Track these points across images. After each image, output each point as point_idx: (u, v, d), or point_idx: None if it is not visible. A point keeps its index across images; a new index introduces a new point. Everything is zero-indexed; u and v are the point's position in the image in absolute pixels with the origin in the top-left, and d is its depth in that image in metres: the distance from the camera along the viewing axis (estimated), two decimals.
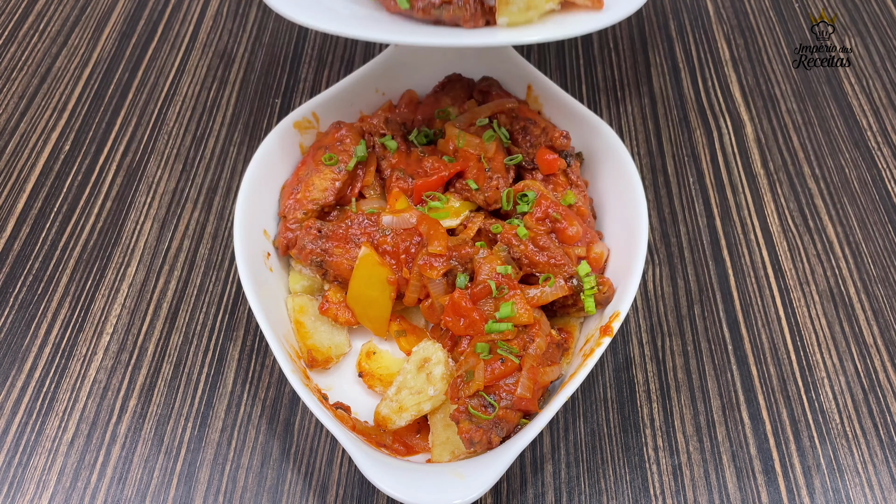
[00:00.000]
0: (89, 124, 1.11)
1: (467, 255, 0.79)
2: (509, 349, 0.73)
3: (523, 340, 0.75)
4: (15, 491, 0.78)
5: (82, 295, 0.93)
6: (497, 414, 0.70)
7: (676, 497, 0.78)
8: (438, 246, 0.79)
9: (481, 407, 0.70)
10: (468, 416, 0.71)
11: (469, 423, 0.70)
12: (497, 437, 0.71)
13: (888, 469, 0.81)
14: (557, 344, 0.79)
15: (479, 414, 0.70)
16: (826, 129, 1.13)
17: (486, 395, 0.71)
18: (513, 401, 0.71)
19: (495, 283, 0.76)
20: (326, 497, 0.78)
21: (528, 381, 0.72)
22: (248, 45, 1.23)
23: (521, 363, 0.72)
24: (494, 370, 0.71)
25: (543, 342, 0.75)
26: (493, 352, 0.73)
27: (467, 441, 0.70)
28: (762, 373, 0.88)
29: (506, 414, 0.71)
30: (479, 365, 0.72)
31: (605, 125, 0.92)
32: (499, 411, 0.70)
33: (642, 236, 0.82)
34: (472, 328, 0.76)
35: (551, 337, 0.78)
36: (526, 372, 0.72)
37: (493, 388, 0.72)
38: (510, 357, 0.72)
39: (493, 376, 0.71)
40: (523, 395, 0.71)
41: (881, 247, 0.99)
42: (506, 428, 0.72)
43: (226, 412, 0.83)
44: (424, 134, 0.90)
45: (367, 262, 0.80)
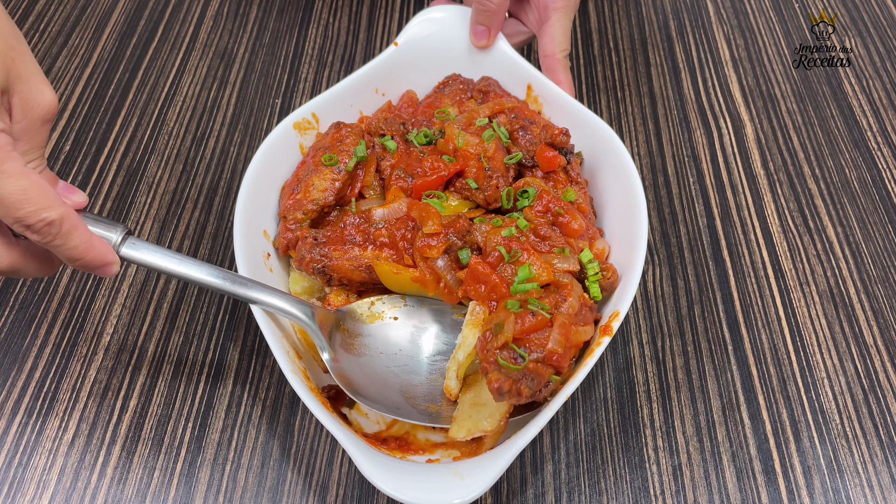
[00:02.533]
0: (90, 124, 1.11)
1: (463, 228, 0.79)
2: (541, 305, 0.72)
3: (555, 299, 0.74)
4: (15, 491, 0.78)
5: (82, 295, 0.93)
6: (527, 366, 0.69)
7: (676, 497, 0.78)
8: (433, 225, 0.79)
9: (511, 359, 0.69)
10: (497, 367, 0.69)
11: (498, 373, 0.69)
12: (527, 388, 0.69)
13: (888, 469, 0.81)
14: (591, 307, 0.77)
15: (508, 364, 0.69)
16: (826, 130, 1.13)
17: (517, 347, 0.69)
18: (544, 354, 0.69)
19: (505, 247, 0.76)
20: (326, 497, 0.78)
21: (560, 335, 0.70)
22: (248, 45, 1.23)
23: (552, 319, 0.71)
24: (525, 322, 0.70)
25: (576, 301, 0.74)
26: (524, 307, 0.72)
27: (496, 392, 0.68)
28: (762, 373, 0.88)
29: (536, 367, 0.69)
30: (510, 318, 0.71)
31: (605, 125, 0.92)
32: (528, 363, 0.69)
33: (642, 236, 0.81)
34: (494, 292, 0.75)
35: (584, 300, 0.76)
36: (558, 327, 0.71)
37: (524, 342, 0.70)
38: (542, 312, 0.71)
39: (524, 329, 0.70)
40: (555, 349, 0.69)
41: (881, 247, 0.99)
42: (537, 382, 0.70)
43: (226, 412, 0.83)
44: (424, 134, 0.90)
45: (386, 273, 0.80)
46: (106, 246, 0.71)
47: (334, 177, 0.87)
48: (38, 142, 0.69)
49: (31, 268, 0.72)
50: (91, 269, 0.71)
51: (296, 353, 0.80)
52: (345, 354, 0.79)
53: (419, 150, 0.88)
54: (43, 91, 0.67)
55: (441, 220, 0.80)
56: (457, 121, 0.91)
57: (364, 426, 0.80)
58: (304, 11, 1.28)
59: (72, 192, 0.72)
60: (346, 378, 0.77)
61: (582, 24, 1.27)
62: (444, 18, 1.02)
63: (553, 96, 0.97)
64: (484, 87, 0.98)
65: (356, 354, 0.80)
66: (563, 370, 0.71)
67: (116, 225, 0.73)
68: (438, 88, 1.00)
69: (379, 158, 0.91)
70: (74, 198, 0.72)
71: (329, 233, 0.83)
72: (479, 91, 0.98)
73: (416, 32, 1.01)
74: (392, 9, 1.29)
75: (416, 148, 0.88)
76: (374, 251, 0.81)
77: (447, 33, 1.01)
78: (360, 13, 1.29)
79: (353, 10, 1.29)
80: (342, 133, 0.91)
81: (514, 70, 1.00)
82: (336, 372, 0.77)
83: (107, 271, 0.72)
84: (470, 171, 0.85)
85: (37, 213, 0.63)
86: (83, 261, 0.69)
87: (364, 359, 0.80)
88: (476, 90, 0.98)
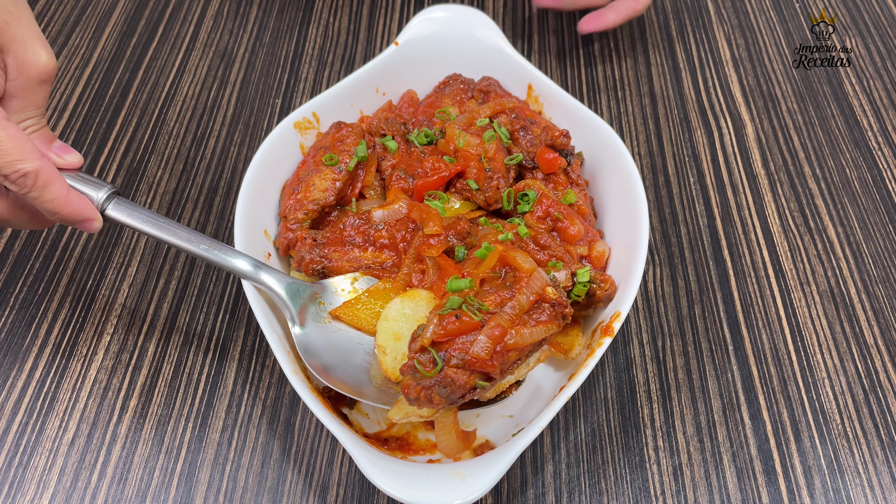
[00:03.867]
0: (90, 124, 1.11)
1: (463, 230, 0.79)
2: (479, 305, 0.69)
3: (501, 297, 0.70)
4: (15, 491, 0.78)
5: (83, 295, 0.93)
6: (444, 372, 0.66)
7: (677, 497, 0.78)
8: (434, 227, 0.79)
9: (427, 363, 0.66)
10: (413, 371, 0.67)
11: (410, 379, 0.66)
12: (440, 397, 0.66)
13: (889, 469, 0.81)
14: (553, 303, 0.72)
15: (422, 370, 0.66)
16: (827, 130, 1.13)
17: (434, 351, 0.66)
18: (465, 360, 0.66)
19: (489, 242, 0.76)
20: (327, 497, 0.78)
21: (488, 340, 0.66)
22: (248, 45, 1.23)
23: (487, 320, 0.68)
24: (447, 325, 0.67)
25: (527, 299, 0.70)
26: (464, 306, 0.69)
27: (406, 397, 0.66)
28: (763, 373, 0.88)
29: (455, 374, 0.66)
30: (433, 319, 0.68)
31: (606, 125, 0.92)
32: (446, 370, 0.66)
33: (643, 236, 0.81)
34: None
35: (543, 295, 0.71)
36: (486, 331, 0.67)
37: (447, 345, 0.67)
38: (469, 313, 0.67)
39: (445, 332, 0.67)
40: (478, 354, 0.66)
41: (882, 247, 0.99)
42: (455, 390, 0.66)
43: (226, 412, 0.83)
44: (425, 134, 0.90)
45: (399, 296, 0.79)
46: (85, 202, 0.74)
47: (335, 177, 0.87)
48: (34, 100, 0.72)
49: (21, 219, 0.76)
50: (70, 223, 0.73)
51: (296, 353, 0.80)
52: (316, 327, 0.79)
53: (420, 150, 0.88)
54: (39, 53, 0.70)
55: (442, 222, 0.80)
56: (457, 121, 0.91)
57: (365, 426, 0.80)
58: (304, 11, 1.28)
59: (66, 151, 0.76)
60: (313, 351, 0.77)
61: None
62: (445, 18, 1.02)
63: (554, 96, 0.97)
64: (485, 87, 0.98)
65: (329, 329, 0.79)
66: (493, 375, 0.68)
67: (103, 185, 0.76)
68: (439, 88, 1.00)
69: (380, 158, 0.91)
70: (68, 157, 0.76)
71: (329, 234, 0.83)
72: (479, 91, 0.98)
73: (417, 32, 1.01)
74: (392, 8, 1.29)
75: (417, 148, 0.88)
76: (373, 252, 0.81)
77: (448, 33, 1.01)
78: (361, 13, 1.28)
79: (353, 10, 1.29)
80: (343, 133, 0.91)
81: (515, 70, 1.00)
82: (302, 345, 0.76)
83: (87, 227, 0.74)
84: (470, 172, 0.85)
85: (12, 164, 0.66)
86: (61, 214, 0.71)
87: (336, 334, 0.79)
88: (477, 90, 0.98)
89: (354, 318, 0.80)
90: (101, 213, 0.76)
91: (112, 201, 0.76)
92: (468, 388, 0.67)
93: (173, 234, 0.76)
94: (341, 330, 0.80)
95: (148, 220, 0.76)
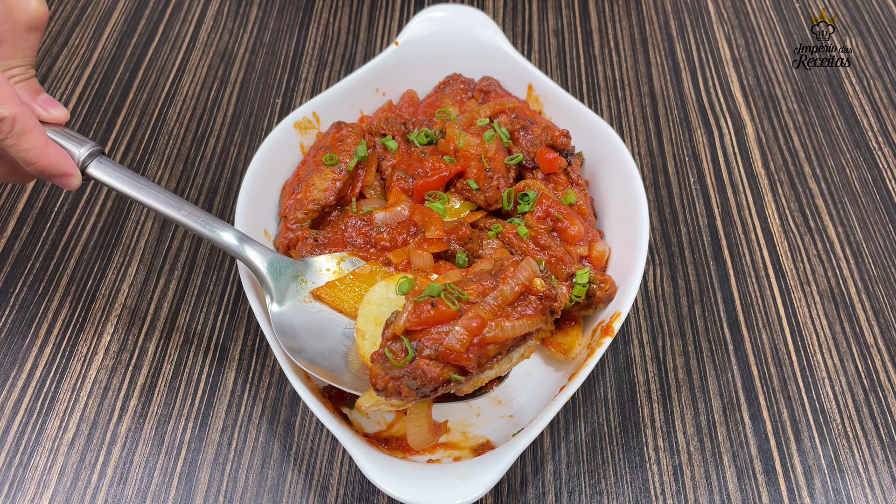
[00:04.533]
0: (90, 124, 1.11)
1: (465, 236, 0.79)
2: (458, 293, 0.66)
3: (484, 286, 0.67)
4: (15, 491, 0.78)
5: (83, 295, 0.93)
6: (415, 363, 0.63)
7: (677, 497, 0.78)
8: (436, 230, 0.79)
9: (400, 352, 0.63)
10: (383, 360, 0.64)
11: (379, 368, 0.63)
12: (409, 389, 0.63)
13: (889, 469, 0.81)
14: (541, 296, 0.68)
15: (392, 359, 0.63)
16: (827, 130, 1.13)
17: (406, 340, 0.64)
18: (438, 351, 0.63)
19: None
20: (327, 497, 0.78)
21: (464, 331, 0.63)
22: (248, 44, 1.23)
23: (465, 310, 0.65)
24: (421, 313, 0.64)
25: (511, 290, 0.66)
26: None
27: (374, 388, 0.64)
28: (763, 373, 0.88)
29: (427, 366, 0.63)
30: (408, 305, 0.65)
31: (606, 125, 0.92)
32: (418, 361, 0.63)
33: (643, 236, 0.81)
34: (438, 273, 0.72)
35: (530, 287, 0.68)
36: (463, 321, 0.64)
37: (421, 334, 0.64)
38: (447, 301, 0.64)
39: (419, 320, 0.64)
40: (452, 346, 0.63)
41: (882, 247, 0.99)
42: (426, 383, 0.63)
43: (226, 412, 0.83)
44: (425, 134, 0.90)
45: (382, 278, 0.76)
46: (64, 157, 0.72)
47: (335, 176, 0.87)
48: (22, 48, 0.71)
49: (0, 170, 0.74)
50: (48, 176, 0.72)
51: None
52: (295, 305, 0.76)
53: (420, 150, 0.88)
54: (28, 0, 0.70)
55: (444, 226, 0.80)
56: (458, 121, 0.90)
57: (365, 426, 0.80)
58: (304, 11, 1.28)
59: (52, 105, 0.74)
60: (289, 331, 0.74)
61: (583, 23, 1.27)
62: (445, 18, 1.01)
63: (554, 96, 0.97)
64: (485, 87, 0.98)
65: (308, 309, 0.77)
66: (468, 369, 0.65)
67: (87, 142, 0.74)
68: (439, 88, 1.00)
69: (380, 158, 0.91)
70: (53, 111, 0.74)
71: (330, 234, 0.83)
72: (479, 91, 0.98)
73: (417, 32, 1.01)
74: (392, 8, 1.29)
75: (417, 148, 0.88)
76: (374, 254, 0.81)
77: (448, 33, 1.01)
78: (361, 13, 1.28)
79: (353, 10, 1.29)
80: (343, 133, 0.91)
81: (515, 70, 1.00)
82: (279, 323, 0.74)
83: (65, 182, 0.73)
84: (471, 172, 0.85)
85: None
86: (37, 165, 0.70)
87: (315, 314, 0.76)
88: (477, 90, 0.98)
89: (336, 299, 0.76)
90: (83, 170, 0.73)
91: (95, 160, 0.74)
92: (441, 381, 0.64)
93: (155, 198, 0.73)
94: (321, 311, 0.77)
95: (130, 181, 0.73)
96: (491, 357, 0.66)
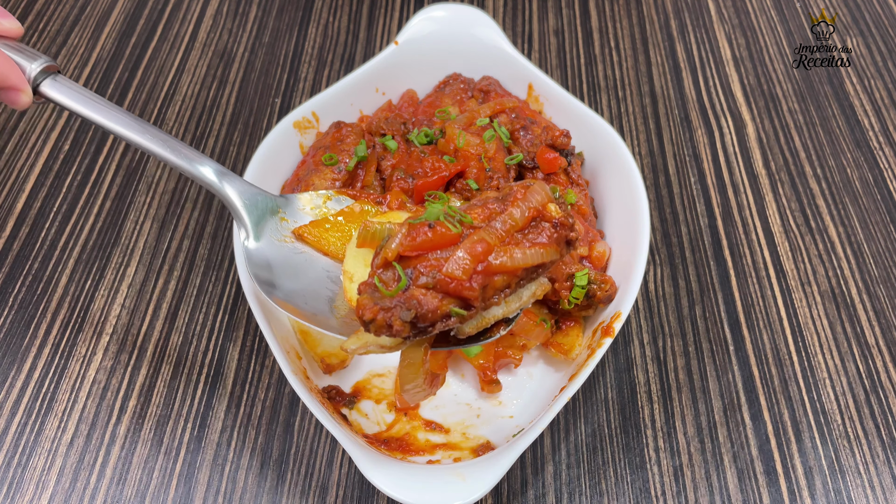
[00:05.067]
0: (88, 123, 1.10)
1: None
2: (461, 216, 0.58)
3: (490, 210, 0.59)
4: (14, 492, 0.77)
5: (82, 295, 0.92)
6: (409, 292, 0.55)
7: (678, 498, 0.78)
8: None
9: (392, 281, 0.56)
10: (372, 290, 0.56)
11: (367, 298, 0.56)
12: (401, 321, 0.55)
13: (889, 470, 0.81)
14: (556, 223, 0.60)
15: (383, 288, 0.56)
16: (828, 129, 1.13)
17: (400, 267, 0.56)
18: (437, 279, 0.55)
19: None
20: (326, 498, 0.78)
21: (469, 256, 0.55)
22: (247, 44, 1.22)
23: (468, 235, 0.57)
24: (417, 236, 0.56)
25: (521, 214, 0.58)
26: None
27: (360, 321, 0.56)
28: (764, 373, 0.87)
29: (423, 295, 0.55)
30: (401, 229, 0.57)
31: (607, 124, 0.92)
32: (412, 289, 0.55)
33: (644, 236, 0.81)
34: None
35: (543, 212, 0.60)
36: (465, 245, 0.56)
37: (418, 261, 0.56)
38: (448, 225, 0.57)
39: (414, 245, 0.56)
40: (452, 273, 0.55)
41: (883, 247, 0.99)
42: (422, 315, 0.55)
43: (225, 413, 0.83)
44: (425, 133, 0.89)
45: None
46: (13, 69, 0.66)
47: (335, 176, 0.86)
48: None
49: None
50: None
51: (295, 353, 0.80)
52: (274, 244, 0.69)
53: (420, 149, 0.88)
54: None
55: None
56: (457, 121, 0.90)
57: (364, 427, 0.80)
58: (303, 10, 1.28)
59: (4, 16, 0.69)
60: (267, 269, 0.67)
61: (583, 22, 1.27)
62: (445, 17, 1.01)
63: (554, 96, 0.97)
64: (485, 87, 0.98)
65: (289, 250, 0.70)
66: (471, 301, 0.56)
67: (40, 56, 0.68)
68: (439, 88, 1.00)
69: (379, 158, 0.91)
70: (4, 22, 0.68)
71: None
72: (479, 90, 0.98)
73: (417, 31, 1.00)
74: (392, 7, 1.29)
75: (417, 148, 0.88)
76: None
77: (448, 32, 1.01)
78: (360, 12, 1.28)
79: (353, 9, 1.29)
80: (343, 132, 0.91)
81: (516, 69, 1.00)
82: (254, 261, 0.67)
83: (12, 99, 0.67)
84: (471, 172, 0.85)
85: None
86: None
87: (297, 256, 0.70)
88: (477, 89, 0.98)
89: (321, 240, 0.69)
90: (35, 88, 0.67)
91: (49, 76, 0.67)
92: (439, 314, 0.56)
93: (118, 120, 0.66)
94: (304, 252, 0.70)
95: (90, 101, 0.66)
96: (498, 290, 0.58)
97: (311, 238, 0.70)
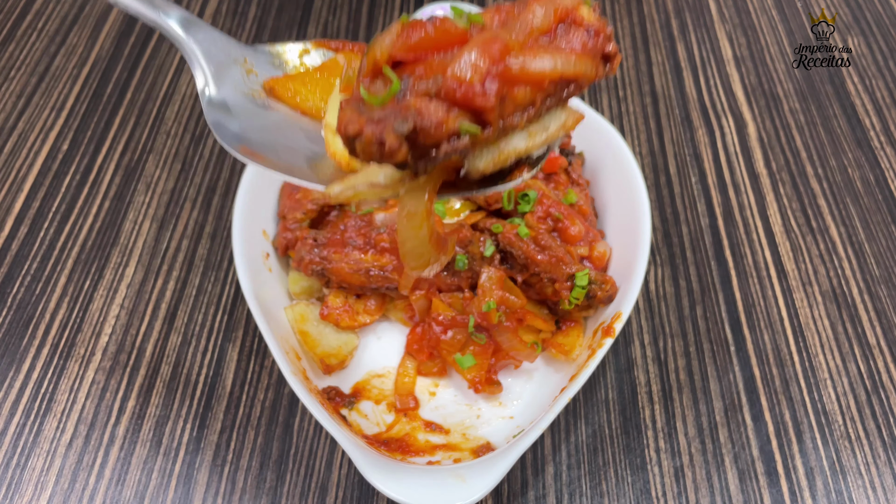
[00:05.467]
0: (87, 123, 1.10)
1: (465, 238, 0.79)
2: (469, 17, 0.48)
3: (507, 12, 0.48)
4: (13, 492, 0.77)
5: (80, 295, 0.92)
6: (405, 100, 0.43)
7: (678, 499, 0.78)
8: None
9: (379, 88, 0.45)
10: (358, 103, 0.45)
11: (351, 111, 0.44)
12: (396, 135, 0.42)
13: (891, 470, 0.80)
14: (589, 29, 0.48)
15: (370, 97, 0.44)
16: (829, 129, 1.12)
17: (389, 70, 0.44)
18: (440, 85, 0.43)
19: None
20: (326, 499, 0.77)
21: (482, 55, 0.43)
22: (247, 43, 1.22)
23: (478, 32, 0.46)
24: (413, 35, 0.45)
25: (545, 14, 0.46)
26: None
27: (342, 136, 0.45)
28: (765, 374, 0.87)
29: (425, 105, 0.43)
30: (395, 28, 0.46)
31: (608, 124, 0.91)
32: (409, 98, 0.43)
33: (644, 236, 0.81)
34: None
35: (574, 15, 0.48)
36: (476, 41, 0.44)
37: (417, 66, 0.45)
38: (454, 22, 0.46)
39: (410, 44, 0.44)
40: (460, 75, 0.42)
41: (884, 247, 0.99)
42: (423, 130, 0.43)
43: (224, 413, 0.83)
44: None
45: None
46: None
47: None
48: None
49: None
50: None
51: (295, 353, 0.80)
52: (240, 98, 0.59)
53: None
54: None
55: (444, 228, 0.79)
56: None
57: (364, 428, 0.80)
58: (303, 9, 1.28)
59: None
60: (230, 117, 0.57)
61: None
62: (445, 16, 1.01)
63: None
64: None
65: (258, 106, 0.59)
66: (485, 114, 0.44)
67: None
68: None
69: None
70: None
71: (329, 234, 0.83)
72: None
73: None
74: (392, 7, 1.29)
75: None
76: (374, 255, 0.81)
77: None
78: (360, 11, 1.28)
79: (352, 8, 1.28)
80: None
81: None
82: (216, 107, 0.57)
83: None
84: None
85: None
86: None
87: (268, 114, 0.59)
88: None
89: (297, 95, 0.58)
90: None
91: None
92: (445, 132, 0.43)
93: None
94: (277, 110, 0.59)
95: None
96: (519, 107, 0.46)
97: (284, 94, 0.59)
